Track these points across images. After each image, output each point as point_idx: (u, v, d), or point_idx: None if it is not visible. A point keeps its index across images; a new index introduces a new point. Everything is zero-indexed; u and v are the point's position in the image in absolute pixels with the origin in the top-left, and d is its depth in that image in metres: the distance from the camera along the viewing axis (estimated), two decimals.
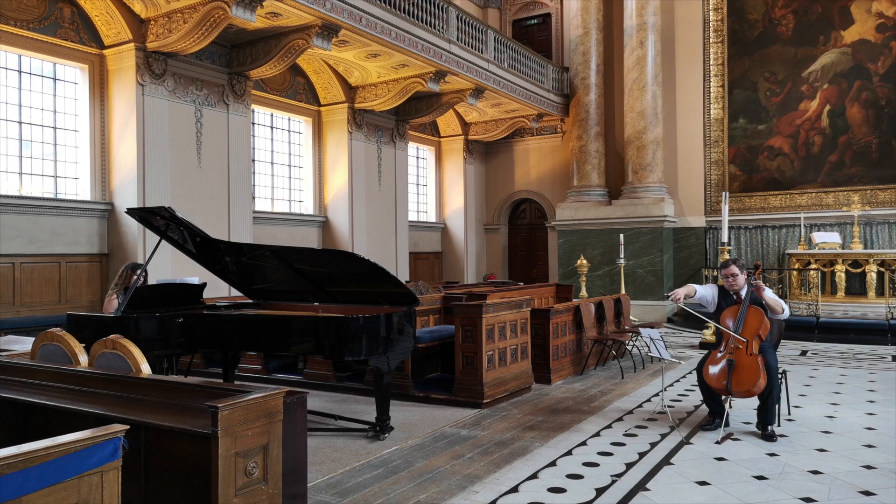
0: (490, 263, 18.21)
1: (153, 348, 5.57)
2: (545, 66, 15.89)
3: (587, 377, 8.14)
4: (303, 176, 13.33)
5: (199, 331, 5.53)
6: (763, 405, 5.39)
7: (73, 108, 9.48)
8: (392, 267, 14.26)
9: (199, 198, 10.13)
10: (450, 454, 5.00)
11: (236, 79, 10.68)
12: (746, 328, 5.47)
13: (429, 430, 5.67)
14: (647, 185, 15.24)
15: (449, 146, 17.37)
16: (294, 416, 3.20)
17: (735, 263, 5.73)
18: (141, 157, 9.32)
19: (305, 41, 9.78)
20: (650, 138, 15.14)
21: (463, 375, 6.56)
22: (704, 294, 5.92)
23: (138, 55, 9.28)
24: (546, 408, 6.51)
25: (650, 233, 15.08)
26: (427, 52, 11.50)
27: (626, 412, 6.27)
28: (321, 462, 4.83)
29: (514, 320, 6.98)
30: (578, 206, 16.00)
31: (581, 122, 16.07)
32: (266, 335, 5.41)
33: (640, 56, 15.12)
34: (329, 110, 13.29)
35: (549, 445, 5.20)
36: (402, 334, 5.51)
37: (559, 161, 17.14)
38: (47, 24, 8.91)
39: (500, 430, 5.68)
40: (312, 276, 6.04)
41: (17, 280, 8.58)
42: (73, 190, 9.50)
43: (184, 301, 6.55)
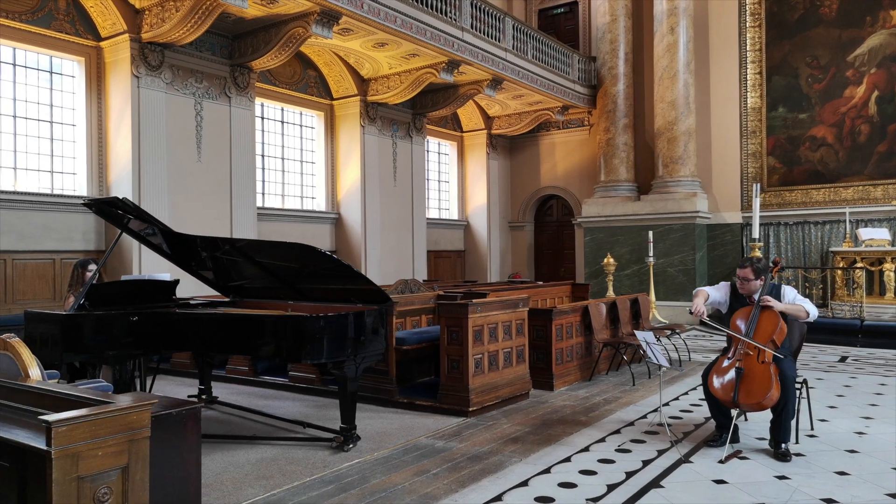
0: (515, 262, 17.59)
1: (106, 348, 5.23)
2: (570, 55, 15.20)
3: (595, 383, 7.51)
4: (315, 172, 12.99)
5: (150, 330, 5.14)
6: (776, 420, 4.71)
7: (70, 101, 9.30)
8: (408, 265, 13.82)
9: (199, 193, 9.85)
10: (414, 469, 4.49)
11: (238, 71, 10.38)
12: (759, 332, 4.80)
13: (402, 441, 5.17)
14: (678, 179, 14.40)
15: (472, 141, 16.82)
16: (181, 433, 2.74)
17: (752, 267, 5.04)
18: (136, 151, 9.07)
19: (305, 29, 9.40)
20: (682, 129, 14.31)
21: (448, 381, 6.03)
22: (716, 297, 5.27)
23: (133, 46, 9.04)
24: (539, 417, 5.93)
25: (681, 229, 14.25)
26: (437, 40, 11.00)
27: (626, 424, 5.65)
28: (270, 476, 4.38)
29: (508, 321, 6.41)
30: (605, 201, 15.26)
31: (608, 114, 15.32)
32: (219, 335, 4.99)
33: (671, 43, 14.30)
34: (341, 104, 12.91)
35: (528, 461, 4.63)
36: (370, 336, 5.02)
37: (587, 155, 16.41)
38: (42, 16, 8.74)
39: (479, 442, 5.14)
40: (279, 272, 5.61)
41: (10, 277, 8.42)
42: (71, 185, 9.32)
43: (155, 298, 6.19)
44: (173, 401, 2.89)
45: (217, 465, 4.62)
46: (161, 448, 2.67)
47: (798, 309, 4.88)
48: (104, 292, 5.84)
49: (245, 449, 4.99)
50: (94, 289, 5.74)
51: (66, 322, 5.06)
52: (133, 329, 5.15)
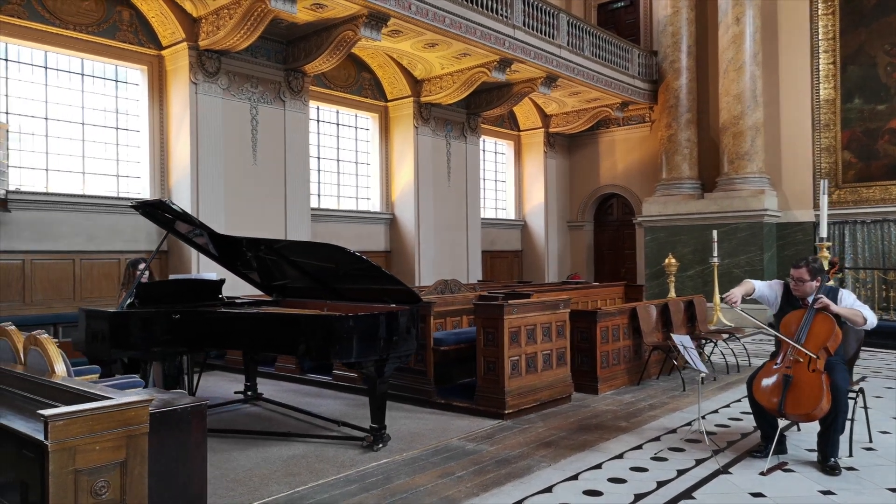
0: (574, 262, 17.28)
1: (150, 345, 5.43)
2: (630, 50, 14.81)
3: (643, 388, 7.26)
4: (370, 173, 13.14)
5: (191, 328, 5.30)
6: (824, 433, 4.42)
7: (134, 108, 9.74)
8: (462, 266, 13.79)
9: (255, 195, 10.13)
10: (439, 472, 4.45)
11: (293, 75, 10.61)
12: (811, 338, 4.50)
13: (433, 442, 5.14)
14: (744, 175, 13.80)
15: (529, 140, 16.63)
16: (186, 430, 2.80)
17: (808, 266, 4.72)
18: (194, 155, 9.41)
19: (354, 32, 9.51)
20: (748, 124, 13.69)
21: (484, 383, 5.96)
22: (765, 293, 4.97)
23: (191, 54, 9.38)
24: (577, 421, 5.78)
25: (748, 228, 13.64)
26: (487, 38, 10.92)
27: (667, 431, 5.43)
28: (297, 473, 4.43)
29: (548, 322, 6.28)
30: (667, 200, 14.78)
31: (670, 110, 14.84)
32: (252, 334, 5.10)
33: (737, 33, 13.71)
34: (395, 105, 13.02)
35: (557, 467, 4.51)
36: (401, 336, 5.01)
37: (648, 152, 15.94)
38: (107, 28, 9.19)
39: (511, 445, 5.05)
40: (315, 272, 5.69)
41: (78, 276, 8.89)
42: (136, 189, 9.76)
43: (202, 297, 6.40)
44: (180, 397, 2.96)
45: (250, 460, 4.72)
46: (165, 444, 2.73)
47: (856, 314, 4.55)
48: (153, 291, 6.07)
49: (279, 445, 5.08)
50: (143, 287, 5.98)
51: (113, 319, 5.28)
52: (175, 327, 5.33)
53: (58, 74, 9.02)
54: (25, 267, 8.42)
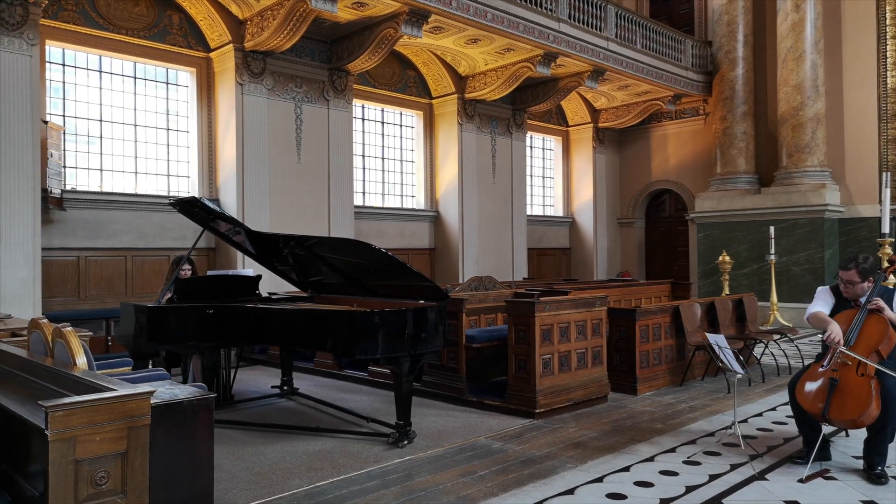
0: (625, 260, 16.90)
1: (186, 339, 5.56)
2: (682, 41, 14.36)
3: (686, 389, 7.02)
4: (415, 170, 13.17)
5: (224, 323, 5.40)
6: (871, 441, 4.15)
7: (184, 110, 10.02)
8: (508, 263, 13.66)
9: (298, 193, 10.28)
10: (461, 470, 4.39)
11: (336, 74, 10.71)
12: (861, 340, 4.24)
13: (460, 440, 5.08)
14: (804, 169, 13.19)
15: (577, 135, 16.34)
16: (193, 422, 2.83)
17: (858, 268, 4.41)
18: (240, 154, 9.62)
19: (395, 30, 9.53)
20: (809, 115, 13.09)
21: (515, 381, 5.87)
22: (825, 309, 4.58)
23: (237, 55, 9.59)
24: (611, 422, 5.62)
25: (808, 224, 13.04)
26: (531, 32, 10.77)
27: (705, 434, 5.21)
28: (320, 468, 4.46)
29: (582, 320, 6.13)
30: (722, 195, 14.28)
31: (725, 102, 14.32)
32: (281, 329, 5.16)
33: (797, 21, 13.12)
34: (440, 102, 13.00)
35: (583, 469, 4.39)
36: (428, 333, 4.98)
37: (701, 146, 15.43)
38: (157, 32, 9.48)
39: (538, 445, 4.95)
40: (345, 268, 5.71)
41: (129, 272, 9.21)
42: (186, 188, 10.05)
43: (240, 292, 6.52)
44: (189, 391, 3.00)
45: (276, 454, 4.78)
46: (170, 436, 2.77)
47: None
48: (191, 286, 6.23)
49: (307, 440, 5.12)
50: (181, 283, 6.14)
51: (150, 314, 5.44)
52: (208, 322, 5.45)
53: (111, 78, 9.36)
54: (80, 263, 8.78)
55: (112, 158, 9.38)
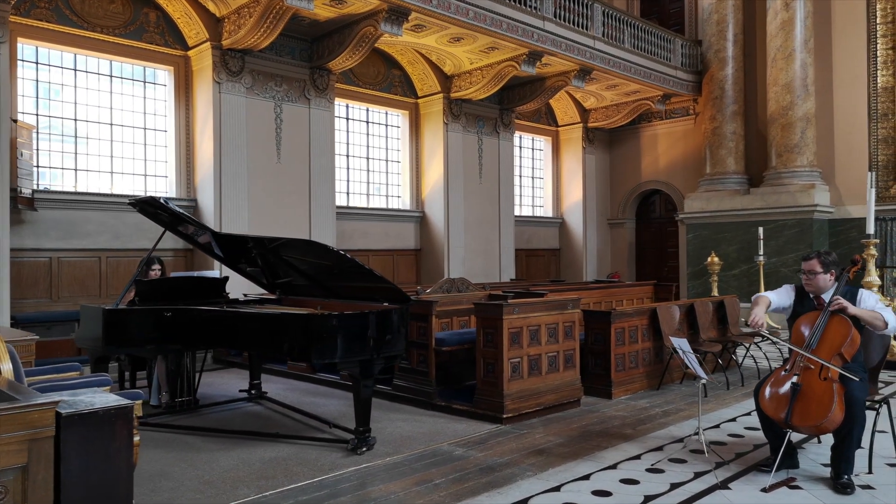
0: (615, 261, 16.76)
1: (143, 342, 5.44)
2: (672, 40, 14.23)
3: (663, 393, 6.88)
4: (400, 171, 13.04)
5: (181, 326, 5.27)
6: (838, 445, 4.02)
7: (162, 109, 9.89)
8: (495, 264, 13.53)
9: (279, 193, 10.15)
10: (417, 478, 4.26)
11: (318, 73, 10.58)
12: (824, 343, 4.12)
13: (422, 447, 4.95)
14: (793, 169, 13.06)
15: (567, 135, 16.21)
16: (109, 432, 2.69)
17: (820, 258, 4.33)
18: (217, 154, 9.49)
19: (375, 28, 9.40)
20: (798, 115, 12.96)
21: (483, 385, 5.73)
22: (779, 302, 4.55)
23: (215, 54, 9.46)
24: (580, 427, 5.48)
25: (797, 225, 12.91)
26: (514, 31, 10.64)
27: (674, 440, 5.08)
28: (272, 476, 4.32)
29: (554, 323, 6.00)
30: (711, 196, 14.14)
31: (715, 101, 14.19)
32: (237, 332, 5.03)
33: (786, 19, 12.99)
34: (426, 102, 12.87)
35: (542, 476, 4.26)
36: (387, 336, 4.85)
37: (692, 146, 15.30)
38: (133, 30, 9.35)
39: (502, 451, 4.81)
40: (307, 270, 5.59)
41: (104, 273, 9.08)
42: (163, 188, 9.92)
43: (206, 294, 6.39)
44: (109, 398, 2.86)
45: (231, 461, 4.64)
46: (84, 448, 2.63)
47: (875, 317, 4.13)
48: (156, 288, 6.10)
49: (265, 446, 4.99)
50: (145, 285, 6.02)
51: (107, 317, 5.31)
52: (166, 325, 5.31)
53: (87, 76, 9.23)
54: (52, 264, 8.65)
55: (87, 158, 9.25)
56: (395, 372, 6.50)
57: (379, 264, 12.40)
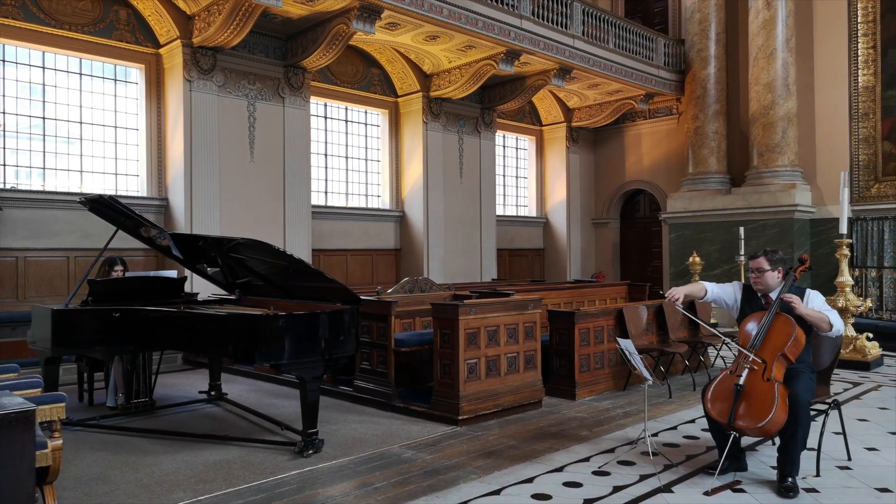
0: (599, 261, 16.70)
1: (92, 343, 5.36)
2: (654, 39, 14.17)
3: (628, 394, 6.82)
4: (380, 170, 12.96)
5: (129, 327, 5.19)
6: (783, 447, 3.96)
7: (134, 107, 9.81)
8: (476, 264, 13.46)
9: (252, 193, 10.06)
10: (359, 482, 4.19)
11: (292, 71, 10.50)
12: (767, 343, 4.07)
13: (371, 449, 4.88)
14: (774, 169, 13.01)
15: (551, 135, 16.14)
16: (8, 437, 2.62)
17: (767, 256, 4.30)
18: (188, 153, 9.40)
19: (347, 25, 9.32)
20: (779, 114, 12.90)
21: (440, 387, 5.67)
22: (720, 295, 4.54)
23: (185, 51, 9.37)
24: (536, 429, 5.42)
25: (777, 225, 12.86)
26: (491, 29, 10.56)
27: (627, 442, 5.01)
28: (211, 480, 4.25)
29: (514, 323, 5.93)
30: (693, 195, 14.09)
31: (697, 101, 14.13)
32: (183, 333, 4.95)
33: (768, 18, 12.93)
34: (405, 101, 12.79)
35: (485, 480, 4.19)
36: (336, 337, 4.78)
37: (675, 146, 15.24)
38: (103, 27, 9.26)
39: (451, 454, 4.74)
40: (261, 269, 5.52)
41: (72, 273, 8.99)
42: (135, 187, 9.83)
43: (164, 295, 6.32)
44: (15, 403, 2.79)
45: (174, 464, 4.56)
46: None
47: (821, 318, 4.08)
48: (111, 288, 6.02)
49: (213, 449, 4.91)
50: (100, 285, 5.94)
51: (55, 317, 5.23)
52: (115, 325, 5.23)
53: (56, 74, 9.14)
54: (19, 264, 8.56)
55: (56, 157, 9.16)
56: (357, 373, 6.43)
57: (358, 264, 12.34)
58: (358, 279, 12.12)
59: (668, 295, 4.34)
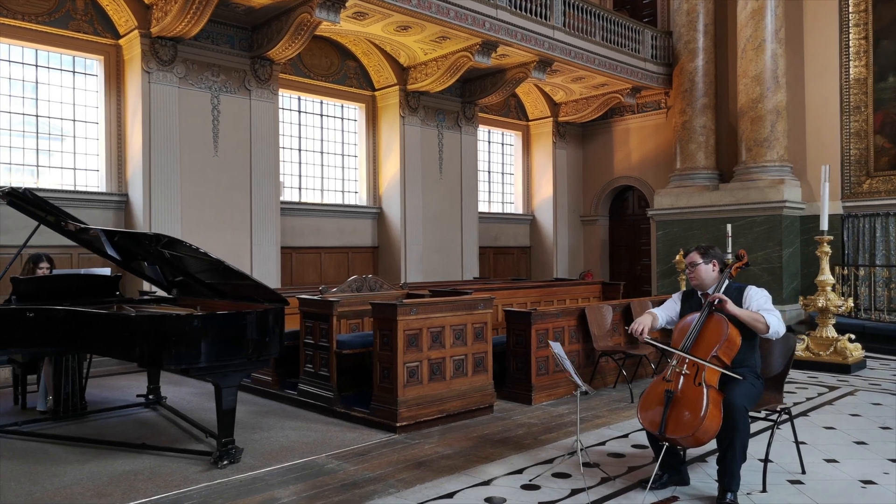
0: (588, 259, 16.32)
1: (6, 344, 5.06)
2: (641, 31, 13.78)
3: (589, 398, 6.46)
4: (357, 165, 12.64)
5: (43, 327, 4.88)
6: (721, 459, 3.62)
7: (93, 100, 9.51)
8: (456, 262, 13.12)
9: (216, 188, 9.75)
10: (266, 496, 3.87)
11: (258, 63, 10.18)
12: (699, 345, 3.74)
13: (295, 459, 4.55)
14: (763, 164, 12.61)
15: (537, 130, 15.77)
16: None
17: (699, 249, 4.02)
18: (147, 146, 9.10)
19: (309, 14, 9.00)
20: (768, 107, 12.50)
21: (380, 391, 5.34)
22: (667, 314, 4.22)
23: (144, 42, 9.07)
24: (479, 437, 5.08)
25: (766, 222, 12.46)
26: (463, 19, 10.22)
27: (570, 451, 4.66)
28: (110, 494, 3.94)
29: (461, 324, 5.60)
30: (681, 192, 13.70)
31: (685, 94, 13.74)
32: (94, 335, 4.63)
33: (757, 8, 12.52)
34: (383, 94, 12.46)
35: (402, 495, 3.86)
36: (256, 339, 4.46)
37: (664, 141, 14.85)
38: (58, 17, 8.97)
39: (379, 465, 4.41)
40: (187, 267, 5.20)
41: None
42: (94, 181, 9.54)
43: (99, 293, 6.02)
44: None
45: (78, 475, 4.25)
46: None
47: (755, 318, 3.73)
48: (39, 286, 5.73)
49: (126, 458, 4.60)
50: (25, 283, 5.64)
51: None
52: (30, 326, 4.93)
53: (10, 66, 8.85)
54: None
55: (10, 151, 8.88)
56: (301, 376, 6.11)
57: (333, 262, 12.03)
58: (332, 278, 11.79)
59: (631, 330, 3.98)
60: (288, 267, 11.25)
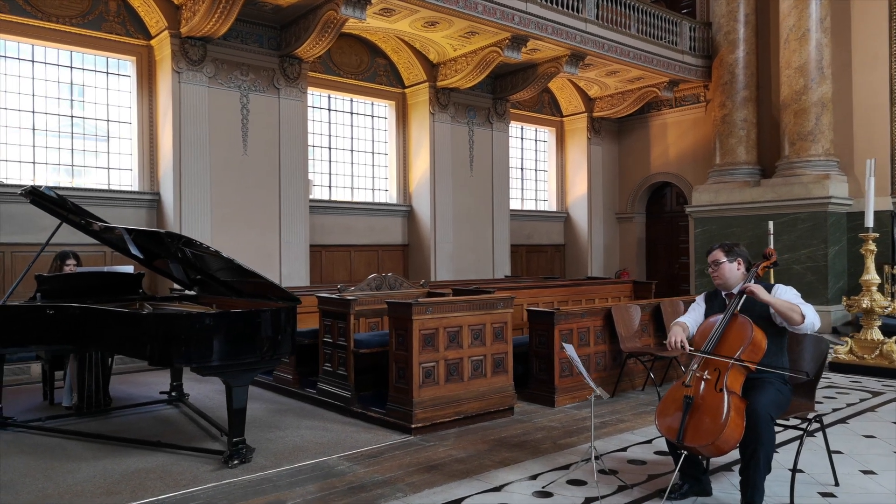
0: (624, 257, 15.97)
1: (28, 341, 5.13)
2: (679, 23, 13.38)
3: (614, 401, 6.26)
4: (387, 163, 12.59)
5: (62, 324, 4.92)
6: (744, 469, 3.41)
7: (126, 100, 9.67)
8: (488, 260, 12.96)
9: (245, 187, 9.81)
10: (269, 498, 3.80)
11: (287, 61, 10.21)
12: (721, 348, 3.53)
13: (307, 460, 4.49)
14: (806, 158, 12.11)
15: (572, 126, 15.49)
16: None
17: (723, 247, 3.81)
18: (177, 146, 9.21)
19: (335, 11, 8.96)
20: (813, 99, 11.99)
21: (396, 391, 5.24)
22: (694, 319, 3.94)
23: (174, 42, 9.17)
24: (497, 440, 4.94)
25: (810, 219, 11.96)
26: (492, 13, 10.05)
27: (587, 458, 4.48)
28: (118, 492, 3.93)
29: (480, 324, 5.46)
30: (720, 188, 13.27)
31: (724, 87, 13.29)
32: (108, 333, 4.65)
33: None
34: (413, 91, 12.38)
35: (409, 500, 3.75)
36: (267, 339, 4.41)
37: (702, 136, 14.41)
38: (92, 19, 9.13)
39: (390, 468, 4.32)
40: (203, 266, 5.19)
41: None
42: (128, 181, 9.70)
43: (122, 291, 6.08)
44: None
45: (89, 473, 4.27)
46: None
47: (791, 308, 3.48)
48: (64, 284, 5.82)
49: (140, 455, 4.60)
50: (50, 280, 5.73)
51: None
52: (50, 323, 4.98)
53: (46, 68, 9.05)
54: (5, 259, 8.50)
55: (47, 151, 9.08)
56: (320, 375, 6.07)
57: (363, 260, 12.01)
58: (362, 276, 11.71)
59: (670, 346, 3.70)
60: (318, 265, 11.27)
